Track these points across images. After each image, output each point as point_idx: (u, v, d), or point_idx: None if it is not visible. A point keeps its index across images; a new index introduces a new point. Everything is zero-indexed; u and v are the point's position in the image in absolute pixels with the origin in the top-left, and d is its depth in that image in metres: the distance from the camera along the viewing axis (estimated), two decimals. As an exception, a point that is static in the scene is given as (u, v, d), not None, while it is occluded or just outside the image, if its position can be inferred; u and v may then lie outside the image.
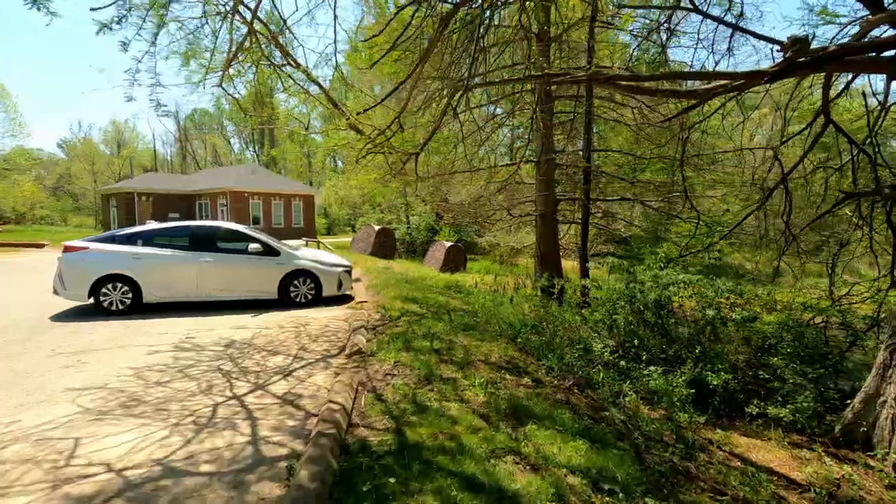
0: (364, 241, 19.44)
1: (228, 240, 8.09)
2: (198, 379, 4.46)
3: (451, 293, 10.69)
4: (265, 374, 4.64)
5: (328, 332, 6.32)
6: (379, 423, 3.46)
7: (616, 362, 5.99)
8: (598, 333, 6.69)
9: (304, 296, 8.14)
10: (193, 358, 5.14)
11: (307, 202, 36.12)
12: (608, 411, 4.53)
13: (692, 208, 7.30)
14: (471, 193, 19.41)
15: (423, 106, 7.55)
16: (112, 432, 3.31)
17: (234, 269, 7.79)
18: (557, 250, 13.97)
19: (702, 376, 5.42)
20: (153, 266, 7.39)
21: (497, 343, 6.17)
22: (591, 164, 10.08)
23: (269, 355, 5.27)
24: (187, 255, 7.58)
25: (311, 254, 8.68)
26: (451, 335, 6.14)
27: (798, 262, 7.89)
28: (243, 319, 7.05)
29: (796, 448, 4.39)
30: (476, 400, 4.03)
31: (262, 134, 60.95)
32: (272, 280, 7.94)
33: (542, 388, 4.80)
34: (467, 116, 9.52)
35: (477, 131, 12.88)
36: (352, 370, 4.68)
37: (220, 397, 4.01)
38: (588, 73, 5.62)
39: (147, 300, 7.41)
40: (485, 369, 5.00)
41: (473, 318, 7.54)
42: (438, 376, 4.48)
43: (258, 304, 8.11)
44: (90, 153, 54.53)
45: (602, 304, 7.65)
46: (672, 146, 10.89)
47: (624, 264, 6.51)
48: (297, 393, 4.12)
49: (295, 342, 5.83)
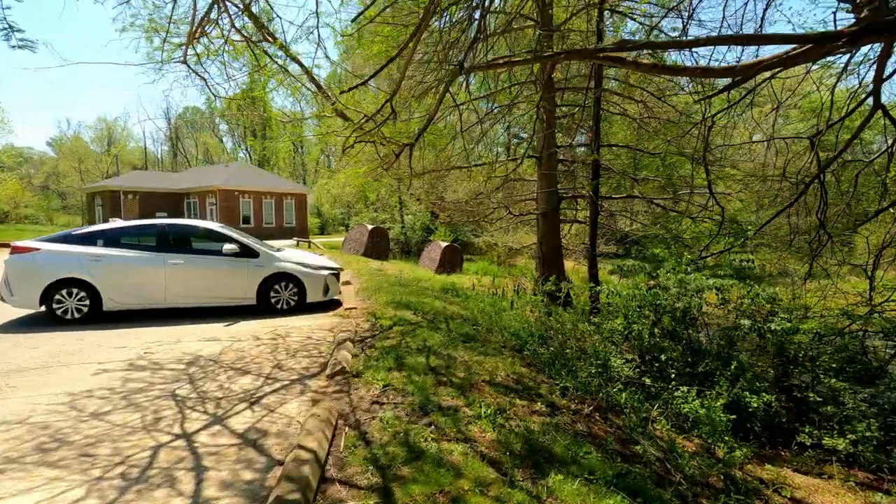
0: (357, 240, 18.63)
1: (201, 240, 7.29)
2: (145, 409, 3.68)
3: (447, 297, 9.94)
4: (228, 401, 3.86)
5: (309, 345, 5.54)
6: (361, 476, 2.69)
7: (638, 379, 5.27)
8: (616, 345, 5.96)
9: (286, 302, 7.34)
10: (147, 379, 4.35)
11: (299, 201, 35.24)
12: (639, 444, 3.79)
13: (717, 204, 6.57)
14: (468, 191, 18.67)
15: (417, 92, 6.80)
16: (9, 491, 2.53)
17: (208, 272, 6.98)
18: (560, 251, 13.25)
19: (739, 397, 4.70)
20: (115, 269, 6.57)
21: (501, 357, 5.42)
22: (599, 159, 9.35)
23: (236, 375, 4.49)
24: (154, 257, 6.76)
25: (294, 255, 7.89)
26: (450, 348, 5.38)
27: (830, 262, 7.20)
28: (215, 329, 6.26)
29: (866, 489, 3.67)
30: (483, 438, 3.28)
31: (254, 132, 59.93)
32: (250, 284, 7.13)
33: (559, 414, 4.05)
34: (466, 106, 8.76)
35: (476, 124, 12.12)
36: (332, 396, 3.91)
37: (166, 435, 3.23)
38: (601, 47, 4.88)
39: (108, 308, 6.59)
40: (490, 392, 4.25)
41: (473, 327, 6.79)
42: (436, 404, 3.72)
43: (235, 311, 7.30)
44: (77, 151, 53.28)
45: (615, 311, 6.93)
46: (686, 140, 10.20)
47: (646, 267, 5.77)
48: (262, 429, 3.35)
49: (270, 358, 5.05)
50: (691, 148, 10.75)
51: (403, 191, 25.44)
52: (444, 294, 10.14)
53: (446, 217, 22.04)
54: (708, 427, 3.99)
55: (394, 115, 6.23)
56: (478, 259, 23.93)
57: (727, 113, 6.56)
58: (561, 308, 8.95)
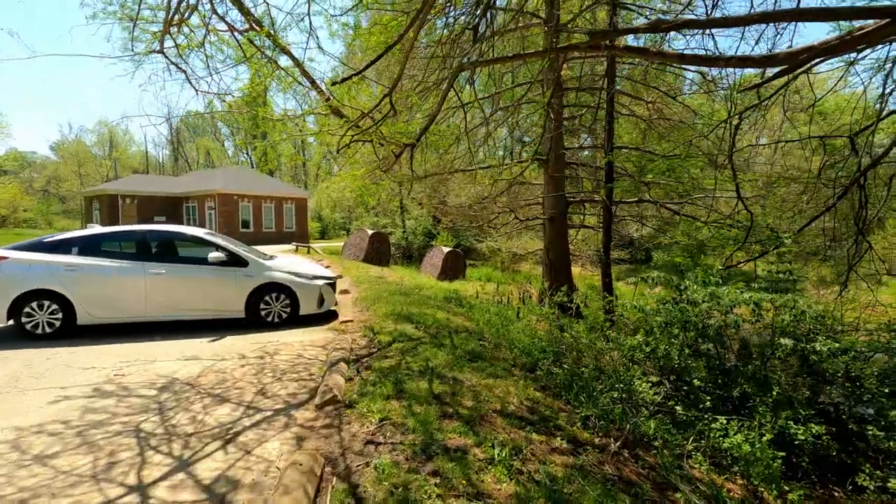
0: (357, 246, 18.08)
1: (186, 247, 6.77)
2: (100, 449, 3.14)
3: (451, 307, 9.38)
4: (199, 438, 3.31)
5: (300, 366, 5.00)
6: (348, 551, 2.15)
7: (664, 403, 4.71)
8: (638, 364, 5.40)
9: (278, 314, 6.80)
10: (111, 409, 3.81)
11: (300, 205, 34.77)
12: (679, 491, 3.24)
13: (745, 209, 6.03)
14: (471, 196, 18.15)
15: (419, 89, 6.29)
16: None
17: (192, 282, 6.46)
18: (568, 257, 12.71)
19: (784, 428, 4.14)
20: (90, 280, 6.05)
21: (513, 380, 4.88)
22: (613, 161, 8.80)
23: (214, 404, 3.95)
24: (134, 267, 6.24)
25: (287, 264, 7.35)
26: (455, 369, 4.83)
27: (865, 271, 6.64)
28: (198, 346, 5.72)
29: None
30: (499, 491, 2.73)
31: (255, 136, 59.63)
32: (238, 295, 6.60)
33: (583, 452, 3.50)
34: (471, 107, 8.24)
35: (481, 125, 11.62)
36: (320, 433, 3.37)
37: (117, 488, 2.69)
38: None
39: (83, 322, 6.06)
40: (503, 425, 3.70)
41: (480, 343, 6.25)
42: (441, 444, 3.17)
43: (222, 324, 6.77)
44: (77, 154, 53.03)
45: (635, 325, 6.39)
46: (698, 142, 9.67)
47: (673, 279, 5.21)
48: (234, 478, 2.80)
49: (254, 381, 4.50)
50: (703, 150, 10.23)
51: (405, 195, 24.96)
52: (448, 304, 9.60)
53: (448, 222, 21.54)
54: (759, 468, 3.43)
55: (393, 112, 5.72)
56: (481, 265, 23.37)
57: (757, 110, 6.03)
58: (572, 319, 8.41)
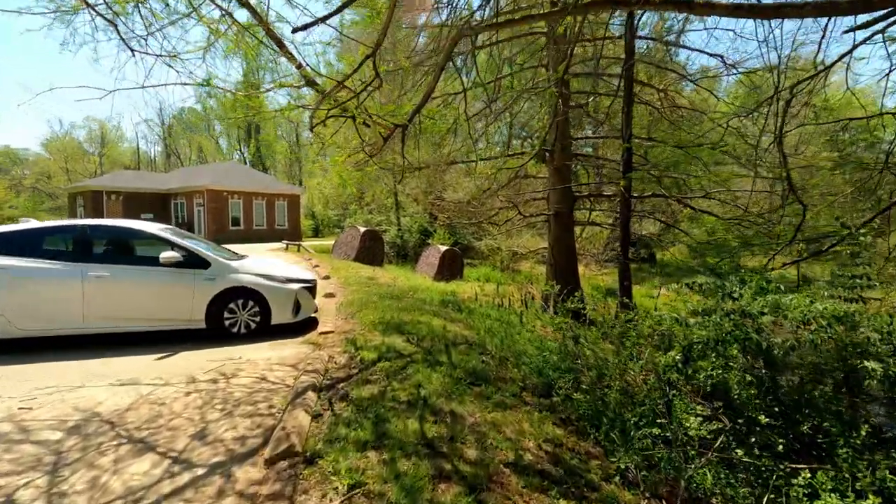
0: (348, 244, 17.04)
1: (134, 245, 5.75)
2: (-65, 541, 2.14)
3: (448, 312, 8.39)
4: (90, 517, 2.32)
5: (259, 395, 3.99)
6: None
7: (712, 442, 3.74)
8: (675, 387, 4.43)
9: (245, 325, 5.80)
10: (-12, 464, 2.81)
11: (292, 202, 33.68)
12: None
13: (799, 202, 5.08)
14: (469, 191, 17.17)
15: (414, 60, 5.32)
16: None
17: (140, 287, 5.44)
18: (574, 256, 11.74)
19: (883, 484, 3.19)
20: (17, 284, 5.03)
21: (525, 411, 3.91)
22: (632, 148, 7.83)
23: (131, 455, 2.95)
24: (70, 269, 5.22)
25: (259, 265, 6.34)
26: (454, 399, 3.85)
27: None
28: (140, 365, 4.72)
29: None
30: None
31: (248, 132, 58.49)
32: (197, 302, 5.58)
33: (630, 529, 2.53)
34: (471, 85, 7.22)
35: (482, 111, 10.61)
36: (263, 509, 2.38)
37: None
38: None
39: (6, 335, 5.04)
40: (517, 489, 2.72)
41: (482, 358, 5.27)
42: (434, 531, 2.19)
43: (178, 336, 5.75)
44: (64, 150, 51.75)
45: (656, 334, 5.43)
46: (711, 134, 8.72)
47: (725, 285, 4.23)
48: None
49: (195, 418, 3.51)
50: (712, 141, 9.26)
51: (400, 191, 23.95)
52: (444, 308, 8.61)
53: (445, 219, 20.54)
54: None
55: (379, 81, 4.72)
56: (479, 264, 22.39)
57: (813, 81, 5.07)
58: (585, 327, 7.45)
